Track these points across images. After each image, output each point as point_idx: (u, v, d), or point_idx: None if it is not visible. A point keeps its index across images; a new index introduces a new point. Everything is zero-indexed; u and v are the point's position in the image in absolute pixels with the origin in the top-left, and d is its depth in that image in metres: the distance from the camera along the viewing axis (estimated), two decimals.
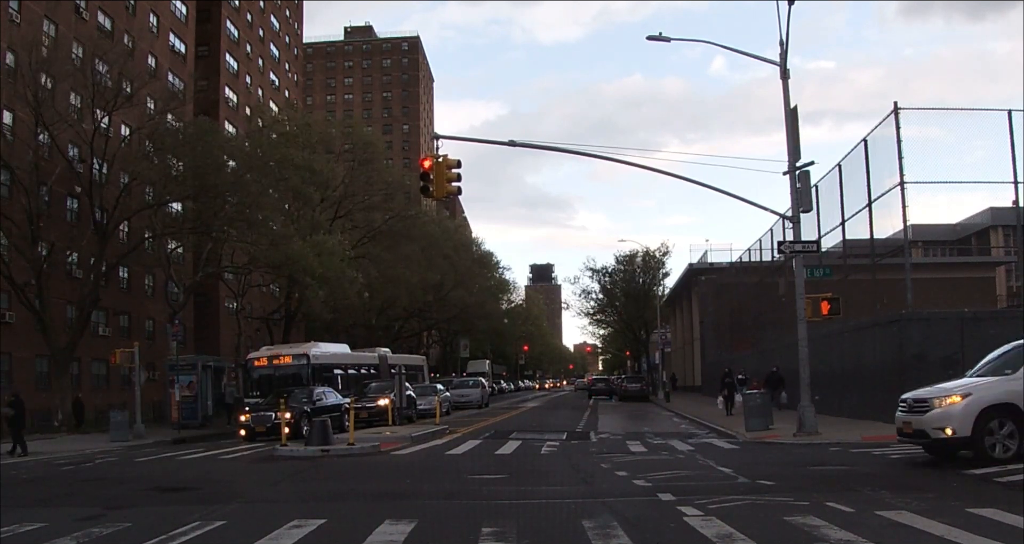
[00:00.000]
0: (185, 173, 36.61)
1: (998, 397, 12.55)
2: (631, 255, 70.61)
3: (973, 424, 12.31)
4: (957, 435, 12.44)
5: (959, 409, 12.52)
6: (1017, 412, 12.40)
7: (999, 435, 12.37)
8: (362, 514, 9.33)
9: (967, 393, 12.73)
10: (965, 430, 12.38)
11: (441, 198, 19.50)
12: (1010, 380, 12.78)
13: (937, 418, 12.67)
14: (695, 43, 48.84)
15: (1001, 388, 12.68)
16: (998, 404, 12.47)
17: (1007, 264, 41.54)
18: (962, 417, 12.45)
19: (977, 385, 13.08)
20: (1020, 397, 12.42)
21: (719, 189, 21.76)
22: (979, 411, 12.35)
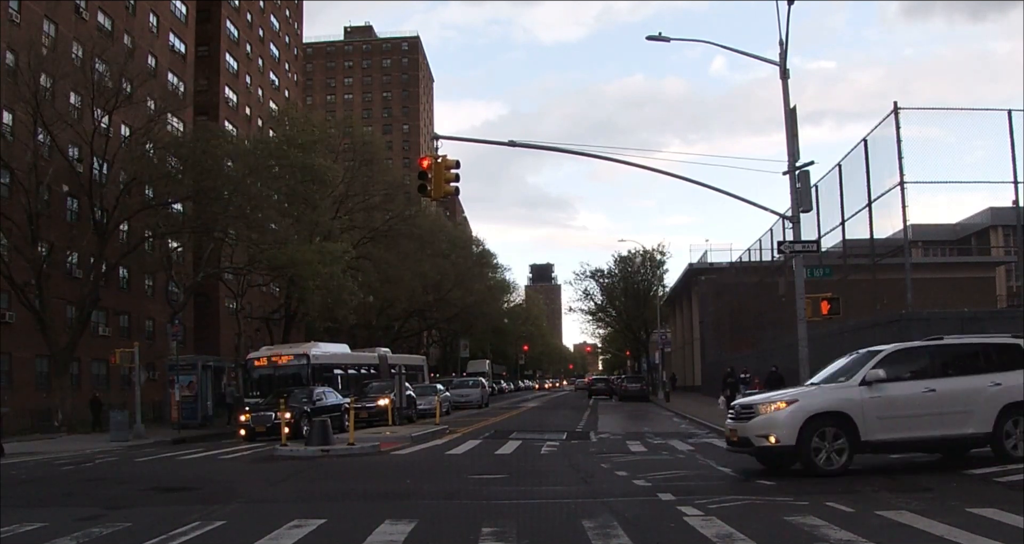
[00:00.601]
0: (185, 173, 36.62)
1: (827, 405, 11.93)
2: (629, 256, 70.67)
3: (798, 432, 11.64)
4: (781, 444, 11.75)
5: (783, 416, 11.85)
6: (848, 422, 11.78)
7: (828, 445, 11.70)
8: (362, 514, 9.33)
9: (793, 400, 12.14)
10: (790, 439, 11.69)
11: (439, 198, 19.49)
12: (842, 387, 12.23)
13: (761, 425, 12.00)
14: (695, 43, 48.39)
15: (832, 395, 12.14)
16: (827, 412, 11.84)
17: (1007, 264, 41.50)
18: (786, 425, 11.75)
19: (806, 392, 12.60)
20: (852, 406, 11.86)
21: (719, 189, 21.77)
22: (805, 419, 11.69)
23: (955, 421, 12.10)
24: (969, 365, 12.74)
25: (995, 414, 12.13)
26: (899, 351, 12.92)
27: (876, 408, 11.84)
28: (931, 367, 12.57)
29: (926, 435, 12.08)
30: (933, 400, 12.06)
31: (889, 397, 11.98)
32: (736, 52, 21.99)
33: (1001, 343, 13.25)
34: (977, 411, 12.14)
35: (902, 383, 12.26)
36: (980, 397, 12.20)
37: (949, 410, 12.07)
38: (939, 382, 12.26)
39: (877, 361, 12.31)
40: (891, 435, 11.91)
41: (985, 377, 12.42)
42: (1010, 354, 12.83)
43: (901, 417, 11.95)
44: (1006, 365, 12.62)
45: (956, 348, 13.23)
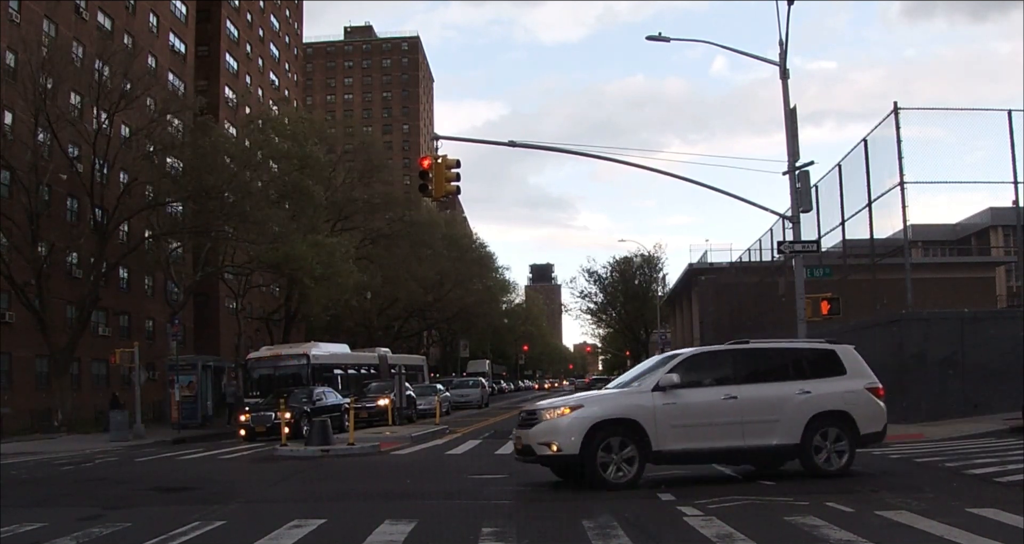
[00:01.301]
0: (185, 173, 36.63)
1: (615, 411, 11.14)
2: (628, 258, 70.77)
3: (582, 440, 10.77)
4: (564, 453, 10.89)
5: (566, 423, 11.00)
6: (638, 430, 10.97)
7: (616, 455, 10.86)
8: (362, 514, 9.33)
9: (578, 405, 11.27)
10: (573, 447, 10.80)
11: (440, 198, 19.53)
12: (633, 393, 11.46)
13: (543, 432, 11.11)
14: (696, 43, 48.33)
15: (621, 401, 11.36)
16: (615, 419, 11.02)
17: (1007, 264, 41.50)
18: (569, 432, 10.89)
19: (593, 397, 11.87)
20: (643, 413, 11.04)
21: (719, 189, 21.80)
22: (590, 426, 10.84)
23: (759, 431, 11.37)
24: (777, 371, 12.02)
25: (803, 424, 11.46)
26: (699, 355, 12.41)
27: (670, 416, 11.08)
28: (735, 373, 11.76)
29: (726, 445, 11.34)
30: (734, 408, 11.33)
31: (685, 404, 11.22)
32: (736, 52, 22.04)
33: (814, 348, 12.70)
34: (784, 421, 11.44)
35: (700, 389, 11.51)
36: (787, 406, 11.51)
37: (752, 419, 11.33)
38: (742, 389, 11.48)
39: (673, 365, 11.54)
40: (686, 445, 11.18)
41: (794, 384, 11.75)
42: (824, 360, 12.25)
43: (698, 426, 11.23)
44: (819, 372, 12.02)
45: (763, 353, 12.54)
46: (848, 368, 12.17)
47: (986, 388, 20.25)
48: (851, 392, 11.91)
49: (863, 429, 11.80)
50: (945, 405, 20.38)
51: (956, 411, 20.23)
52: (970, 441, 16.45)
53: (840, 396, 11.80)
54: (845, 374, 12.09)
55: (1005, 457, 13.24)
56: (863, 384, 12.13)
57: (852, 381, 12.06)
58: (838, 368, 12.13)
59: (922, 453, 14.69)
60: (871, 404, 12.04)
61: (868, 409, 11.95)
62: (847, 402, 11.79)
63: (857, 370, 12.27)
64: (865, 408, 11.91)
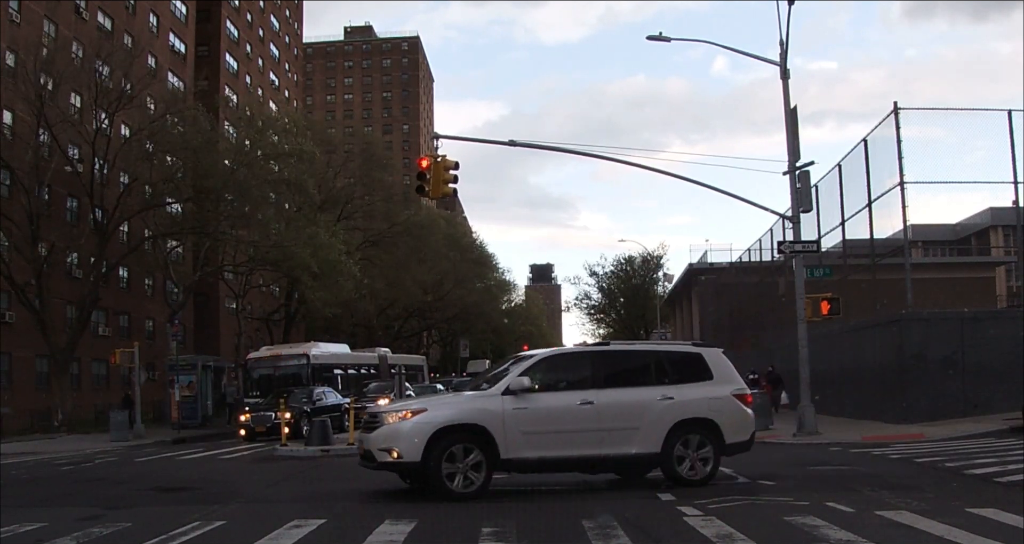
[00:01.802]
0: (185, 173, 36.64)
1: (460, 416, 10.46)
2: (629, 258, 70.78)
3: (424, 447, 10.08)
4: (405, 459, 10.21)
5: (408, 428, 10.28)
6: (485, 436, 10.32)
7: (462, 464, 10.18)
8: (362, 514, 9.33)
9: (421, 409, 10.57)
10: (414, 454, 10.11)
11: (437, 198, 19.52)
12: (481, 397, 10.75)
13: (384, 437, 10.41)
14: (697, 43, 48.44)
15: (467, 406, 10.70)
16: (460, 425, 10.36)
17: (1007, 264, 41.49)
18: (410, 438, 10.20)
19: (438, 401, 11.25)
20: (491, 418, 10.38)
21: (719, 189, 21.78)
22: (433, 431, 10.15)
23: (617, 439, 10.76)
24: (639, 375, 11.45)
25: (665, 432, 10.91)
26: (554, 356, 11.77)
27: (520, 421, 10.44)
28: (593, 376, 11.11)
29: (582, 454, 10.73)
30: (591, 414, 10.70)
31: (537, 409, 10.58)
32: (737, 52, 22.03)
33: (679, 351, 12.10)
34: (644, 428, 10.86)
35: (555, 394, 10.95)
36: (648, 412, 10.93)
37: (610, 426, 10.73)
38: (600, 394, 10.85)
39: (525, 368, 10.86)
40: (539, 453, 10.55)
41: (656, 389, 11.17)
42: (689, 364, 11.64)
43: (551, 433, 10.59)
44: (684, 377, 11.45)
45: (624, 355, 11.95)
46: (715, 373, 11.58)
47: (986, 388, 20.26)
48: (717, 398, 11.35)
49: (729, 438, 11.29)
50: (945, 405, 20.39)
51: (956, 411, 20.23)
52: (970, 441, 16.46)
53: (705, 403, 11.26)
54: (712, 379, 11.51)
55: (1005, 457, 13.25)
56: (730, 390, 11.57)
57: (719, 387, 11.49)
58: (704, 373, 11.54)
59: (922, 453, 14.70)
60: (738, 412, 11.53)
61: (735, 417, 11.44)
62: (713, 409, 11.26)
63: (725, 375, 11.69)
64: (732, 416, 11.40)
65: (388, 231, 53.92)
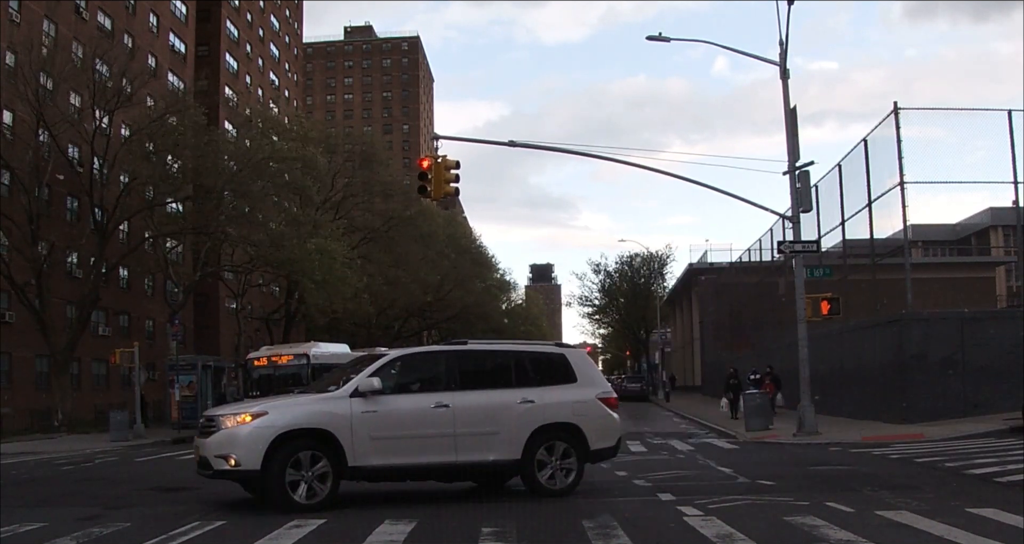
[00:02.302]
0: (185, 173, 36.65)
1: (303, 420, 9.59)
2: (633, 256, 70.72)
3: (264, 454, 9.25)
4: (243, 467, 9.31)
5: (246, 433, 9.37)
6: (332, 443, 9.53)
7: (308, 472, 9.42)
8: (362, 514, 9.33)
9: (261, 412, 9.61)
10: (253, 461, 9.25)
11: (439, 198, 19.51)
12: (327, 399, 9.90)
13: (220, 443, 9.46)
14: (697, 43, 48.55)
15: (311, 409, 9.82)
16: (305, 430, 9.53)
17: (1007, 264, 41.55)
18: (249, 444, 9.31)
19: (281, 403, 10.10)
20: (338, 422, 9.58)
21: (719, 189, 21.80)
22: (273, 437, 9.30)
23: (475, 445, 10.14)
24: (498, 377, 10.75)
25: (525, 437, 10.32)
26: (407, 356, 11.01)
27: (370, 426, 9.69)
28: (448, 378, 10.42)
29: (437, 461, 10.03)
30: (446, 418, 10.04)
31: (388, 413, 9.85)
32: (736, 52, 22.04)
33: (542, 352, 11.46)
34: (503, 433, 10.26)
35: (408, 396, 10.24)
36: (507, 416, 10.32)
37: (467, 431, 10.09)
38: (456, 396, 10.19)
39: (375, 368, 10.08)
40: (390, 460, 9.84)
41: (516, 392, 10.55)
42: (552, 366, 11.04)
43: (403, 438, 9.90)
44: (546, 379, 10.87)
45: (483, 355, 11.21)
46: (579, 375, 11.01)
47: (986, 388, 20.27)
48: (581, 402, 10.78)
49: (594, 444, 10.74)
50: (945, 405, 20.39)
51: (956, 411, 20.23)
52: (970, 441, 16.47)
53: (569, 406, 10.69)
54: (576, 382, 10.93)
55: (1005, 457, 13.25)
56: (595, 393, 11.01)
57: (583, 390, 10.91)
58: (568, 375, 10.95)
59: (922, 453, 14.71)
60: (603, 416, 10.99)
61: (600, 421, 10.90)
62: (576, 413, 10.69)
63: (589, 377, 11.19)
64: (596, 420, 10.86)
65: (386, 227, 53.89)
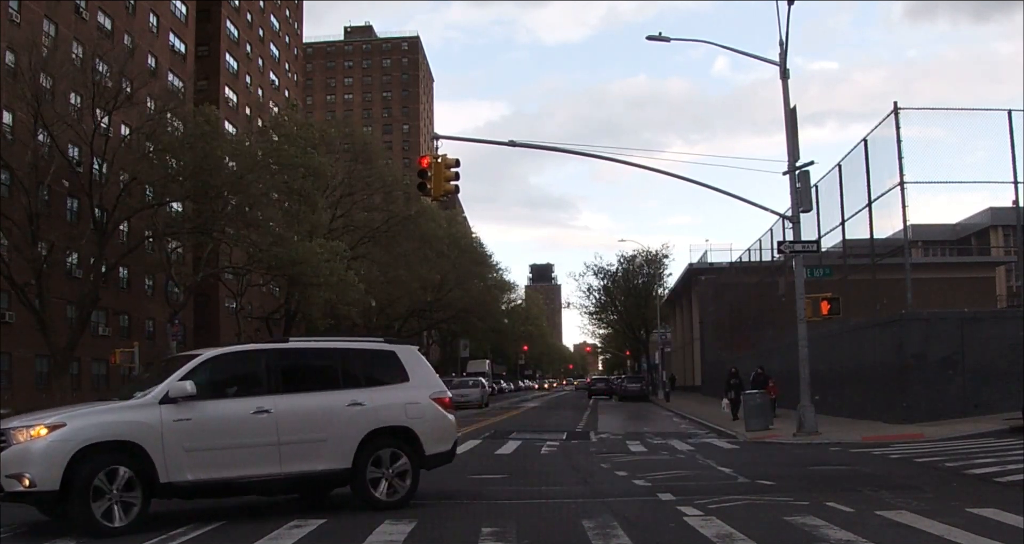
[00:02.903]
0: (185, 173, 36.67)
1: (109, 432, 8.29)
2: (632, 256, 70.60)
3: (64, 472, 7.91)
4: (39, 488, 7.89)
5: (41, 448, 7.98)
6: (142, 456, 8.34)
7: (112, 492, 8.10)
8: (362, 514, 9.32)
9: (59, 424, 8.16)
10: (51, 481, 7.88)
11: (439, 197, 19.51)
12: (135, 407, 8.65)
13: (12, 460, 7.97)
14: (698, 43, 48.40)
15: (118, 418, 8.49)
16: (111, 442, 8.25)
17: (1007, 264, 41.54)
18: (45, 461, 7.94)
19: (82, 412, 8.62)
20: (146, 433, 8.39)
21: (719, 189, 21.80)
22: (74, 452, 7.99)
23: (301, 454, 9.13)
24: (324, 378, 9.79)
25: (356, 444, 9.39)
26: (223, 357, 9.53)
27: (183, 436, 8.52)
28: (269, 380, 9.32)
29: (260, 473, 8.95)
30: (267, 425, 9.01)
31: (203, 421, 8.70)
32: (736, 52, 22.03)
33: (369, 350, 10.37)
34: (332, 440, 9.29)
35: (225, 401, 9.07)
36: (335, 421, 9.36)
37: (292, 439, 9.08)
38: (278, 400, 9.16)
39: (187, 370, 8.89)
40: (208, 474, 8.65)
41: (344, 394, 9.59)
42: (382, 364, 10.15)
43: (222, 449, 8.75)
44: (376, 379, 9.97)
45: (306, 354, 10.15)
46: (411, 374, 10.16)
47: (986, 388, 20.26)
48: (414, 403, 9.94)
49: (429, 449, 9.92)
50: (945, 405, 20.38)
51: (956, 411, 20.23)
52: (970, 441, 16.46)
53: (402, 408, 9.82)
54: (408, 381, 10.08)
55: (1005, 457, 13.25)
56: (429, 393, 10.18)
57: (416, 390, 10.06)
58: (399, 374, 10.10)
59: (922, 453, 14.70)
60: (438, 418, 10.16)
61: (435, 424, 10.08)
62: (410, 416, 9.84)
63: (422, 376, 10.31)
64: (431, 423, 10.03)
65: (386, 226, 53.89)
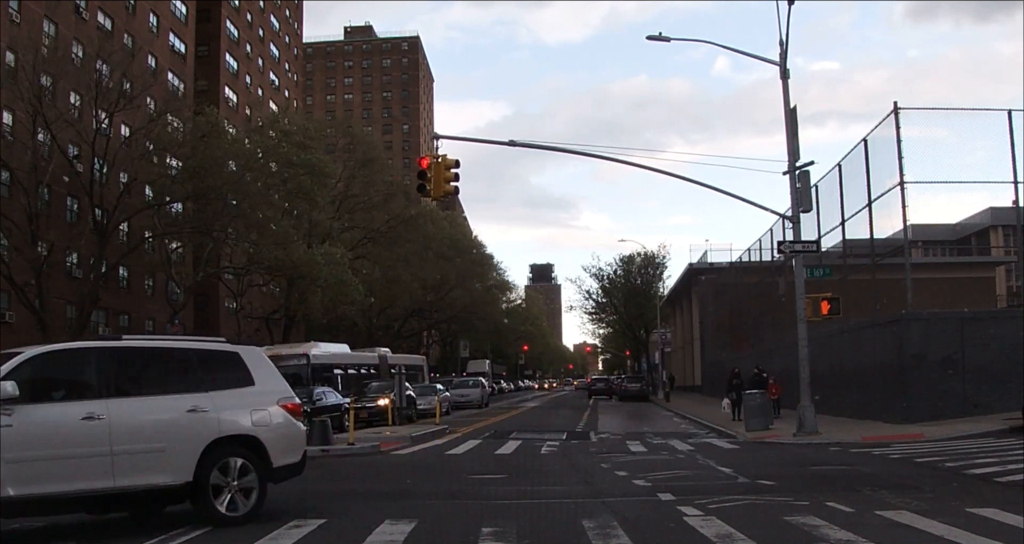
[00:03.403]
0: (185, 173, 36.67)
1: None
2: (630, 257, 70.61)
3: None
4: None
5: None
6: None
7: None
8: (362, 514, 9.32)
9: None
10: None
11: (439, 198, 19.52)
12: None
13: None
14: (699, 43, 48.59)
15: None
16: None
17: (1007, 264, 41.55)
18: None
19: None
20: None
21: (719, 189, 21.79)
22: None
23: (136, 466, 8.11)
24: (162, 381, 8.86)
25: (198, 454, 8.47)
26: (49, 355, 8.39)
27: (4, 446, 7.47)
28: (101, 382, 8.28)
29: (88, 487, 7.88)
30: (99, 433, 7.94)
31: (25, 428, 7.59)
32: (736, 52, 22.02)
33: (210, 350, 9.38)
34: (172, 450, 8.31)
35: (50, 406, 8.01)
36: (175, 429, 8.41)
37: (126, 449, 8.06)
38: (111, 405, 8.11)
39: (7, 370, 7.76)
40: (32, 489, 7.56)
41: (184, 398, 8.62)
42: (224, 366, 9.25)
43: (47, 460, 7.68)
44: (218, 382, 9.01)
45: (141, 354, 9.06)
46: (257, 377, 9.38)
47: (986, 388, 20.27)
48: (260, 410, 9.14)
49: (277, 460, 9.14)
50: (945, 405, 20.39)
51: (956, 411, 20.23)
52: (970, 441, 16.46)
53: (247, 415, 9.01)
54: (253, 385, 9.29)
55: (1005, 457, 13.25)
56: (276, 398, 9.42)
57: (262, 395, 9.29)
58: (244, 377, 9.27)
59: (922, 453, 14.70)
60: (287, 425, 9.39)
61: (283, 431, 9.30)
62: (256, 423, 9.04)
63: (268, 380, 9.55)
64: (279, 430, 9.25)
65: (386, 227, 53.91)
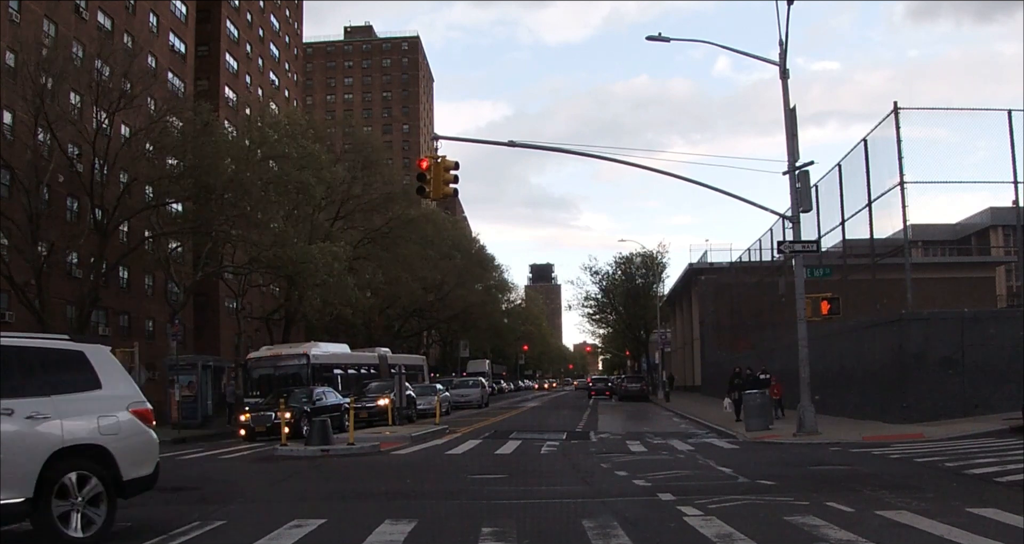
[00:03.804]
0: (185, 173, 36.66)
1: None
2: (629, 257, 70.54)
3: None
4: None
5: None
6: None
7: None
8: (362, 514, 9.33)
9: None
10: None
11: (438, 199, 19.51)
12: None
13: None
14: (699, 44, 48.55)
15: None
16: None
17: (1007, 264, 41.58)
18: None
19: None
20: None
21: (720, 189, 21.79)
22: None
23: None
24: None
25: (39, 468, 7.35)
26: None
27: None
28: None
29: None
30: None
31: None
32: (736, 52, 22.01)
33: (48, 349, 8.21)
34: (8, 463, 7.10)
35: None
36: (11, 439, 7.18)
37: None
38: None
39: None
40: None
41: (20, 404, 7.41)
42: (66, 368, 8.17)
43: None
44: (60, 385, 7.93)
45: None
46: (104, 380, 8.39)
47: (986, 388, 20.27)
48: (109, 416, 8.18)
49: (128, 472, 8.22)
50: (945, 405, 20.39)
51: (956, 411, 20.24)
52: (970, 441, 16.46)
53: (94, 422, 8.01)
54: (100, 389, 8.32)
55: (1005, 457, 13.25)
56: (126, 403, 8.48)
57: (110, 400, 8.33)
58: (90, 379, 8.27)
59: (922, 453, 14.70)
60: (138, 434, 8.48)
61: (134, 441, 8.41)
62: (104, 432, 8.06)
63: (117, 383, 8.60)
64: (130, 440, 8.34)
65: (386, 227, 53.91)
